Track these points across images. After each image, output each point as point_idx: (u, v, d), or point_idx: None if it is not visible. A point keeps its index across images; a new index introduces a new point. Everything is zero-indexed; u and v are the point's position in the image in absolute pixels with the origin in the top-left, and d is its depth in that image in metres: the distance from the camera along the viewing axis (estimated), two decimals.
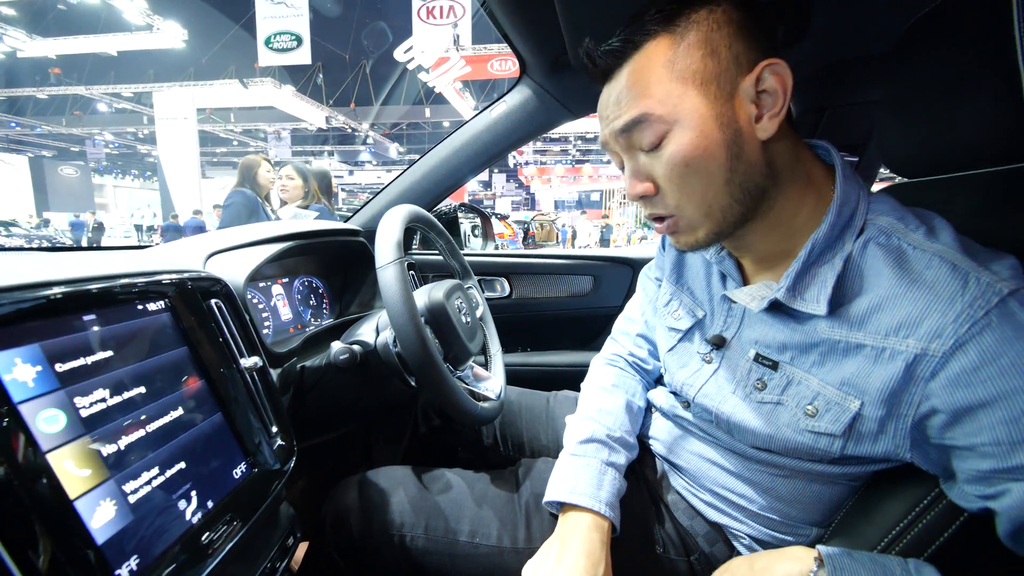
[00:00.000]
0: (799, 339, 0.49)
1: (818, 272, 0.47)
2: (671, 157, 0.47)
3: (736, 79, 0.46)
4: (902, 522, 0.45)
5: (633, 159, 0.51)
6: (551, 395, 0.98)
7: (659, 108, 0.47)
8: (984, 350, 0.37)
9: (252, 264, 0.72)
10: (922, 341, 0.40)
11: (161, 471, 0.41)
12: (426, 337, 0.65)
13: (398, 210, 0.76)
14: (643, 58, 0.48)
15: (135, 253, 0.72)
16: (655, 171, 0.49)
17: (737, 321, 0.56)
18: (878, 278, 0.44)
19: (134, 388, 0.41)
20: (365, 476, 0.73)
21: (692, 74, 0.46)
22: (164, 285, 0.48)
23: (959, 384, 0.38)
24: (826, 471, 0.51)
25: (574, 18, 0.75)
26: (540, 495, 0.68)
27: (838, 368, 0.46)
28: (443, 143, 1.14)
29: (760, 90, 0.46)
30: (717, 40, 0.46)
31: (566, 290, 1.35)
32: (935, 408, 0.40)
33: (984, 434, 0.37)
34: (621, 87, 0.49)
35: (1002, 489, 0.37)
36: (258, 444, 0.54)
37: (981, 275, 0.39)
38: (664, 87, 0.47)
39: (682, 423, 0.65)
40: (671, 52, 0.47)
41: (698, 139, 0.46)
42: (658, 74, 0.47)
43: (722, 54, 0.46)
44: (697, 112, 0.46)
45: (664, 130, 0.47)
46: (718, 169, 0.47)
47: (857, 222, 0.47)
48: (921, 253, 0.43)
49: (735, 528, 0.59)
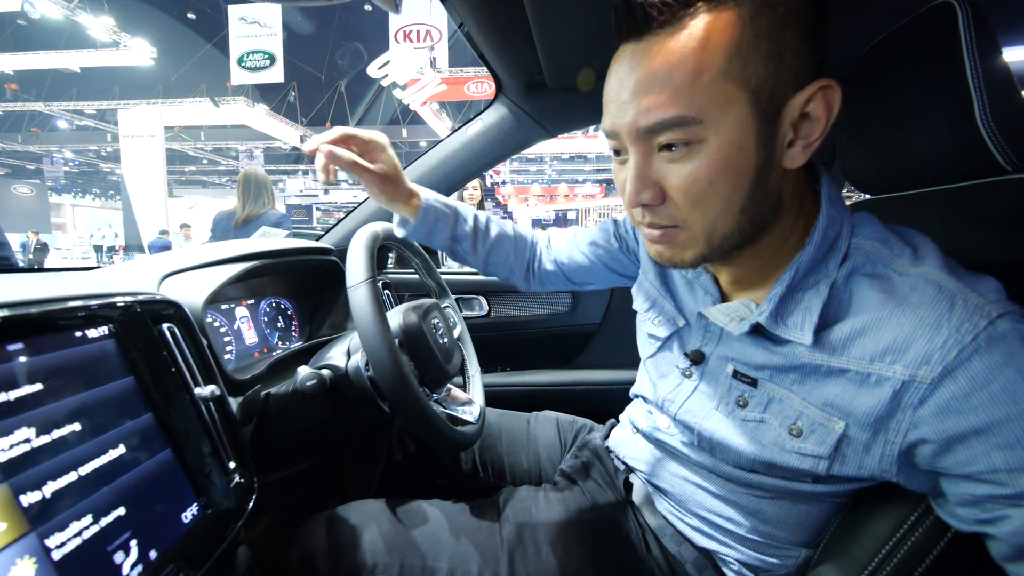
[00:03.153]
0: (777, 361, 0.47)
1: (802, 297, 0.45)
2: (696, 172, 0.40)
3: (789, 94, 0.39)
4: (891, 540, 0.44)
5: (645, 159, 0.43)
6: (531, 416, 0.96)
7: (704, 112, 0.38)
8: (974, 376, 0.36)
9: (212, 285, 0.67)
10: (909, 368, 0.38)
11: (95, 519, 0.36)
12: (400, 360, 0.62)
13: (371, 227, 0.73)
14: (699, 31, 0.37)
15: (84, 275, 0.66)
16: (668, 179, 0.42)
17: (715, 337, 0.55)
18: (862, 303, 0.42)
19: (67, 425, 0.37)
20: (334, 513, 0.68)
21: (749, 76, 0.38)
22: (108, 309, 0.44)
23: (949, 411, 0.37)
24: (811, 491, 0.49)
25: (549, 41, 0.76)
26: (523, 526, 0.65)
27: (819, 389, 0.44)
28: (419, 161, 1.13)
29: (803, 112, 0.40)
30: (786, 39, 0.38)
31: (545, 308, 1.34)
32: (924, 437, 0.39)
33: (979, 462, 0.36)
34: (660, 64, 0.38)
35: (1001, 515, 0.36)
36: (213, 482, 0.49)
37: (968, 297, 0.38)
38: (719, 86, 0.37)
39: (664, 446, 0.63)
40: (737, 36, 0.37)
41: (732, 157, 0.39)
42: (716, 65, 0.37)
43: (786, 59, 0.38)
44: (741, 126, 0.39)
45: (699, 137, 0.39)
46: (740, 194, 0.41)
47: (841, 245, 0.45)
48: (905, 278, 0.41)
49: (724, 553, 0.57)
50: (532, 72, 0.89)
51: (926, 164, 0.52)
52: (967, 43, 0.45)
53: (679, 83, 0.38)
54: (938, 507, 0.42)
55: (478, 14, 0.73)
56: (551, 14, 0.68)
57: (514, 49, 0.83)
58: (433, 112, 11.41)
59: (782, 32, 0.38)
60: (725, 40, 0.37)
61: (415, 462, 0.97)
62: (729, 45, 0.37)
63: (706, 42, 0.37)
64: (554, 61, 0.81)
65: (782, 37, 0.38)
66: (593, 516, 0.65)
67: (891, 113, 0.54)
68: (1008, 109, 0.45)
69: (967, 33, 0.45)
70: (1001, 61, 0.45)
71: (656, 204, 0.44)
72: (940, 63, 0.47)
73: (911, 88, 0.51)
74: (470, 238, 0.76)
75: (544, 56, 0.79)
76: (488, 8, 0.71)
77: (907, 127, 0.52)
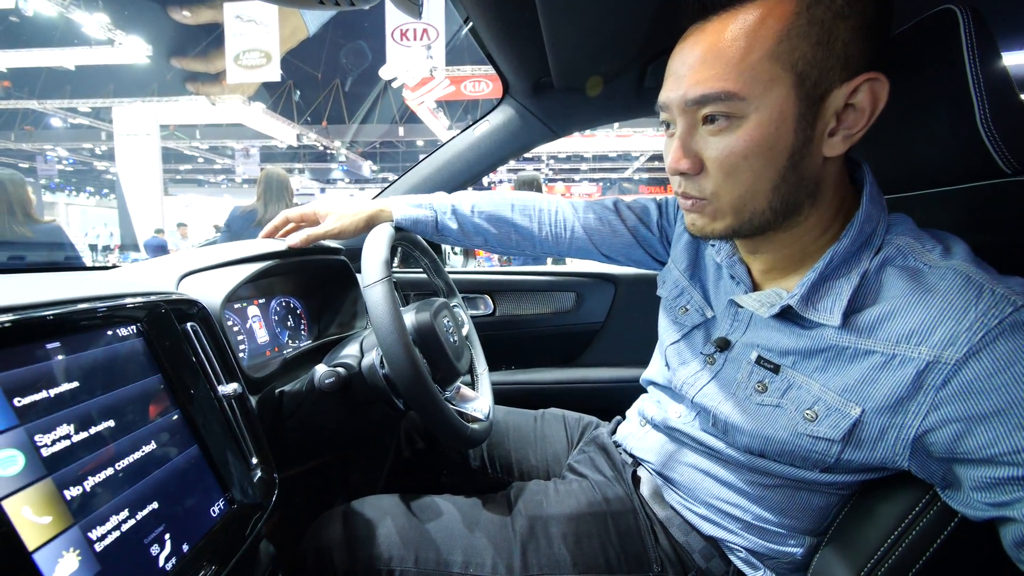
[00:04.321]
0: (804, 344, 0.49)
1: (833, 284, 0.47)
2: (733, 145, 0.43)
3: (835, 82, 0.42)
4: (897, 529, 0.46)
5: (689, 130, 0.46)
6: (538, 414, 0.97)
7: (748, 89, 0.41)
8: (998, 358, 0.37)
9: (229, 285, 0.68)
10: (935, 349, 0.40)
11: (131, 513, 0.37)
12: (416, 357, 0.63)
13: (384, 228, 0.74)
14: (756, 14, 0.40)
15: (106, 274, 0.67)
16: (707, 151, 0.45)
17: (743, 325, 0.56)
18: (892, 290, 0.44)
19: (103, 422, 0.38)
20: (349, 507, 0.69)
21: (796, 60, 0.40)
22: (136, 308, 0.45)
23: (972, 392, 0.38)
24: (817, 479, 0.51)
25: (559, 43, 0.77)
26: (535, 519, 0.66)
27: (841, 374, 0.46)
28: (426, 161, 1.14)
29: (848, 103, 0.42)
30: (839, 29, 0.40)
31: (549, 307, 1.35)
32: (945, 418, 0.40)
33: (1001, 443, 0.37)
34: (715, 43, 0.42)
35: (1019, 496, 0.37)
36: (237, 478, 0.50)
37: (996, 287, 0.40)
38: (765, 66, 0.40)
39: (675, 435, 0.64)
40: (790, 21, 0.40)
41: (769, 135, 0.42)
42: (766, 46, 0.40)
43: (836, 48, 0.40)
44: (781, 106, 0.41)
45: (740, 113, 0.42)
46: (772, 172, 0.44)
47: (876, 241, 0.47)
48: (936, 269, 0.43)
49: (731, 541, 0.59)
50: (539, 73, 0.90)
51: (928, 166, 0.54)
52: (968, 48, 0.46)
53: (729, 60, 0.41)
54: (948, 497, 0.43)
55: (488, 13, 0.74)
56: (561, 15, 0.69)
57: (522, 49, 0.84)
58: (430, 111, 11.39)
59: (837, 22, 0.40)
60: (778, 23, 0.40)
61: (423, 459, 0.98)
62: (781, 28, 0.40)
63: (760, 24, 0.40)
64: (562, 62, 0.82)
65: (836, 27, 0.40)
66: (602, 508, 0.67)
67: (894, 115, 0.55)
68: (1008, 113, 0.46)
69: (968, 38, 0.46)
70: (1001, 66, 0.47)
71: (693, 174, 0.47)
72: (942, 67, 0.49)
73: (914, 91, 0.53)
74: (455, 231, 0.82)
75: (552, 57, 0.80)
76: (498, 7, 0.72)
77: (910, 129, 0.54)
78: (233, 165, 17.59)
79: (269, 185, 2.19)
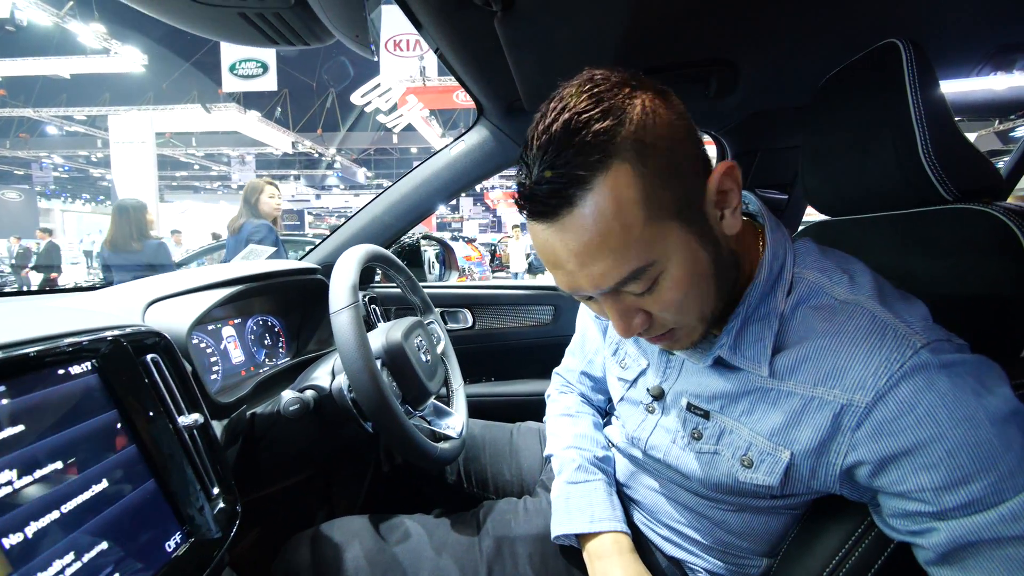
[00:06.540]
0: (731, 387, 0.50)
1: (755, 329, 0.48)
2: (668, 295, 0.43)
3: (701, 190, 0.43)
4: (841, 550, 0.47)
5: (619, 302, 0.45)
6: (515, 427, 0.97)
7: (652, 254, 0.40)
8: (901, 401, 0.39)
9: (198, 310, 0.68)
10: (847, 392, 0.42)
11: (78, 556, 0.37)
12: (381, 382, 0.64)
13: (354, 252, 0.75)
14: (606, 202, 0.38)
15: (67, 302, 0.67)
16: (648, 306, 0.45)
17: (675, 372, 0.57)
18: (807, 332, 0.46)
19: (49, 464, 0.38)
20: (318, 531, 0.69)
21: (668, 205, 0.40)
22: (91, 344, 0.45)
23: (882, 434, 0.40)
24: (770, 505, 0.53)
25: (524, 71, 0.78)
26: (502, 539, 0.67)
27: (767, 417, 0.47)
28: (404, 179, 1.15)
29: (721, 190, 0.43)
30: (676, 155, 0.40)
31: (528, 320, 1.36)
32: (862, 458, 0.42)
33: (908, 481, 0.39)
34: (586, 240, 0.39)
35: (927, 527, 0.39)
36: (196, 509, 0.51)
37: (897, 327, 0.41)
38: (649, 231, 0.39)
39: (637, 461, 0.65)
40: (640, 185, 0.38)
41: (691, 268, 0.43)
42: (637, 217, 0.38)
43: (685, 167, 0.41)
44: (685, 243, 0.42)
45: (656, 271, 0.42)
46: (710, 285, 0.45)
47: (786, 276, 0.48)
48: (844, 305, 0.45)
49: (692, 563, 0.60)
50: (511, 96, 0.91)
51: (877, 190, 0.55)
52: (910, 79, 0.48)
53: (615, 247, 0.39)
54: (875, 516, 0.45)
55: (455, 44, 0.75)
56: (523, 42, 0.70)
57: (492, 75, 0.85)
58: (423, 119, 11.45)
59: (671, 154, 0.40)
60: (632, 194, 0.38)
61: (402, 474, 0.98)
62: (638, 195, 0.38)
63: (618, 205, 0.38)
64: (530, 86, 0.83)
65: (673, 157, 0.40)
66: None
67: (845, 140, 0.57)
68: (945, 143, 0.48)
69: (910, 70, 0.48)
70: (940, 97, 0.48)
71: (647, 325, 0.47)
72: (886, 97, 0.51)
73: (862, 118, 0.54)
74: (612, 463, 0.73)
75: (520, 82, 0.81)
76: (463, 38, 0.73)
77: (859, 154, 0.55)
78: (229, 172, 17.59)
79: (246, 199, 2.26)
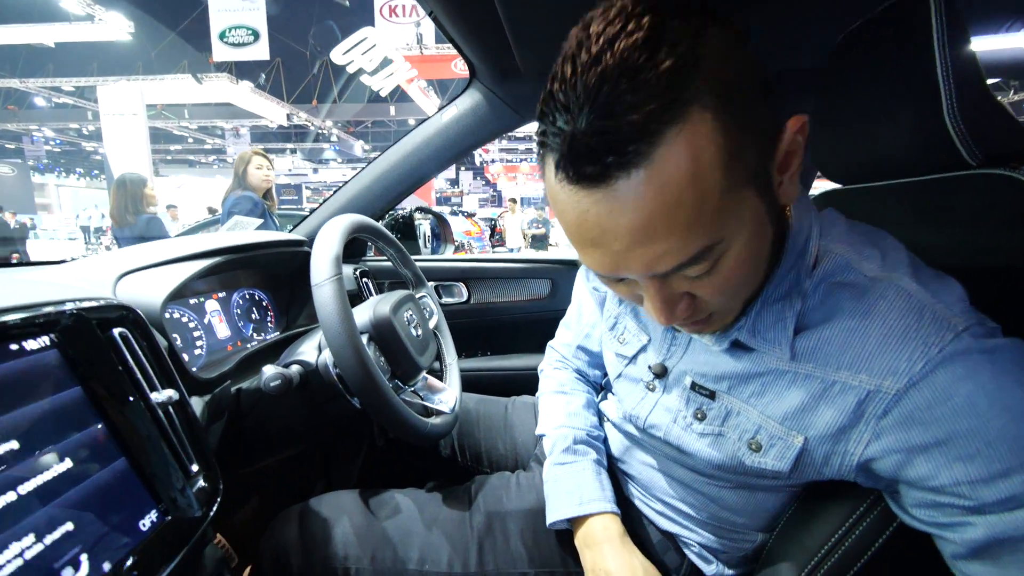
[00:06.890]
0: (742, 368, 0.47)
1: (775, 308, 0.44)
2: (727, 276, 0.37)
3: (773, 153, 0.36)
4: (840, 530, 0.46)
5: (666, 287, 0.38)
6: (509, 401, 0.96)
7: (722, 230, 0.34)
8: (937, 389, 0.36)
9: (173, 283, 0.65)
10: (875, 378, 0.38)
11: (39, 538, 0.36)
12: (366, 357, 0.62)
13: (337, 222, 0.71)
14: (681, 156, 0.30)
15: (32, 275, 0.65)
16: (698, 290, 0.39)
17: (681, 350, 0.54)
18: (832, 311, 0.42)
19: (3, 444, 0.36)
20: (306, 506, 0.69)
21: (748, 168, 0.33)
22: (48, 318, 0.43)
23: (913, 423, 0.37)
24: (771, 484, 0.51)
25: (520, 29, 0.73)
26: (493, 515, 0.66)
27: (779, 400, 0.44)
28: (393, 148, 1.10)
29: (789, 150, 0.37)
30: (757, 109, 0.34)
31: (524, 294, 1.34)
32: (886, 448, 0.39)
33: (942, 474, 0.36)
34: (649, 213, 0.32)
35: (960, 521, 0.36)
36: (173, 487, 0.49)
37: (936, 309, 0.38)
38: (726, 201, 0.32)
39: (632, 437, 0.64)
40: (722, 142, 0.31)
41: (757, 245, 0.37)
42: (715, 184, 0.31)
43: (762, 126, 0.35)
44: (756, 216, 0.36)
45: (722, 251, 0.35)
46: (764, 261, 0.41)
47: (812, 249, 0.43)
48: (875, 283, 0.41)
49: (685, 536, 0.59)
50: (506, 59, 0.86)
51: (894, 156, 0.51)
52: (939, 34, 0.44)
53: (686, 221, 0.32)
54: (892, 503, 0.43)
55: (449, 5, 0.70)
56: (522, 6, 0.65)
57: (486, 36, 0.79)
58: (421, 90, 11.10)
59: (753, 102, 0.33)
60: (713, 153, 0.31)
61: (397, 448, 0.98)
62: (721, 155, 0.31)
63: (696, 167, 0.31)
64: (527, 49, 0.78)
65: (755, 106, 0.33)
66: None
67: (862, 103, 0.53)
68: (974, 104, 0.43)
69: (939, 24, 0.43)
70: (970, 54, 0.44)
71: (691, 311, 0.40)
72: (911, 54, 0.46)
73: (882, 78, 0.50)
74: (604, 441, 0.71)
75: (516, 44, 0.76)
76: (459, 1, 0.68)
77: (877, 118, 0.51)
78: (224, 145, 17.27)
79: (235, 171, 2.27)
